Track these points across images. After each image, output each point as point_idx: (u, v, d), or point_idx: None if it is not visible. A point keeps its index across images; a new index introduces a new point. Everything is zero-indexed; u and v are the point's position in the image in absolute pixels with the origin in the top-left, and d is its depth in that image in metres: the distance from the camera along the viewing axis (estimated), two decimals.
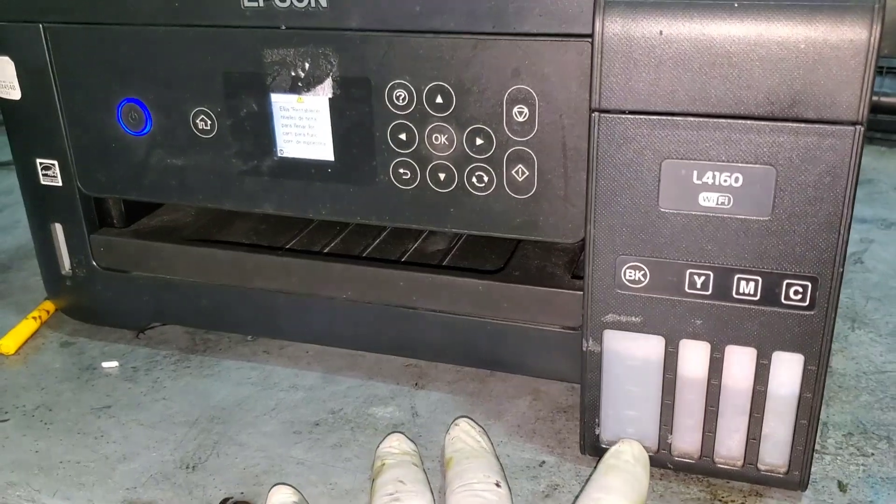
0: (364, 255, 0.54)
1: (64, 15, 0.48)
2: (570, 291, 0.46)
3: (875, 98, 0.94)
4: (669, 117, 0.36)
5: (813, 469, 0.43)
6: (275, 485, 0.42)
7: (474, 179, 0.44)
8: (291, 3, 0.43)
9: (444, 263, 0.52)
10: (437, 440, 0.46)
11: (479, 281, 0.48)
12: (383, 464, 0.42)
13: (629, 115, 0.36)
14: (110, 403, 0.51)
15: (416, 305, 0.49)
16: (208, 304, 0.54)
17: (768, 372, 0.39)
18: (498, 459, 0.43)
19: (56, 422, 0.49)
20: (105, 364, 0.55)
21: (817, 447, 0.45)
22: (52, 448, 0.47)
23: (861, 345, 0.55)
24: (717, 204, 0.37)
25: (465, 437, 0.43)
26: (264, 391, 0.51)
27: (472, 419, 0.45)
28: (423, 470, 0.42)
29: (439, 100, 0.43)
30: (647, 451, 0.43)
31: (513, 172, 0.44)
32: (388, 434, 0.45)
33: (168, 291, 0.55)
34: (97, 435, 0.48)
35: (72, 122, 0.51)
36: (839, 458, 0.44)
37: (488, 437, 0.45)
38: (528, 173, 0.43)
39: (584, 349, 0.42)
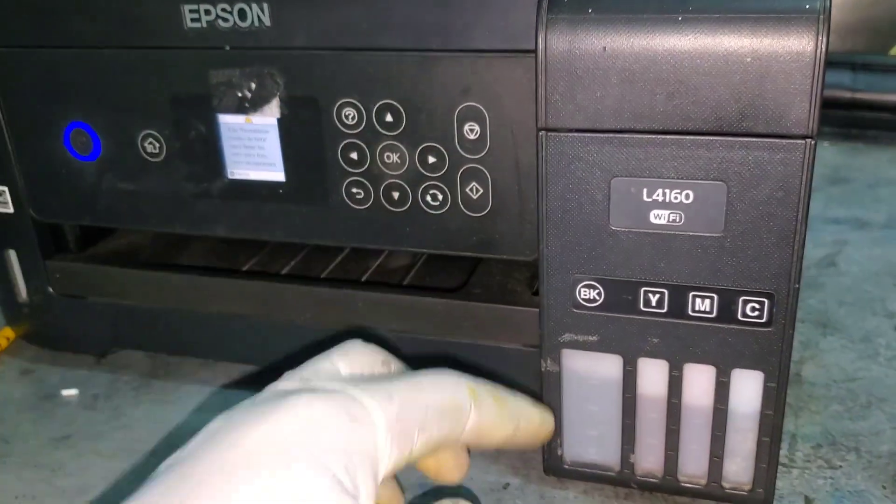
0: (324, 274, 0.53)
1: (7, 39, 0.47)
2: (530, 309, 0.45)
3: (850, 94, 0.93)
4: (617, 134, 0.35)
5: (780, 484, 0.42)
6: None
7: (428, 198, 0.44)
8: (235, 22, 0.42)
9: (404, 282, 0.51)
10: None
11: (438, 300, 0.47)
12: None
13: (576, 134, 0.35)
14: (69, 433, 0.50)
15: (376, 326, 0.48)
16: (166, 328, 0.53)
17: (728, 390, 0.38)
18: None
19: (13, 454, 0.48)
20: (65, 392, 0.54)
21: (785, 461, 0.44)
22: (8, 483, 0.46)
23: (832, 352, 0.54)
24: (669, 221, 0.36)
25: None
26: None
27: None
28: None
29: (389, 118, 0.42)
30: (610, 472, 0.42)
31: (467, 190, 0.43)
32: None
33: (126, 316, 0.54)
34: (55, 467, 0.47)
35: (20, 147, 0.50)
36: (807, 471, 0.44)
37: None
38: (482, 191, 0.42)
39: (543, 369, 0.41)
